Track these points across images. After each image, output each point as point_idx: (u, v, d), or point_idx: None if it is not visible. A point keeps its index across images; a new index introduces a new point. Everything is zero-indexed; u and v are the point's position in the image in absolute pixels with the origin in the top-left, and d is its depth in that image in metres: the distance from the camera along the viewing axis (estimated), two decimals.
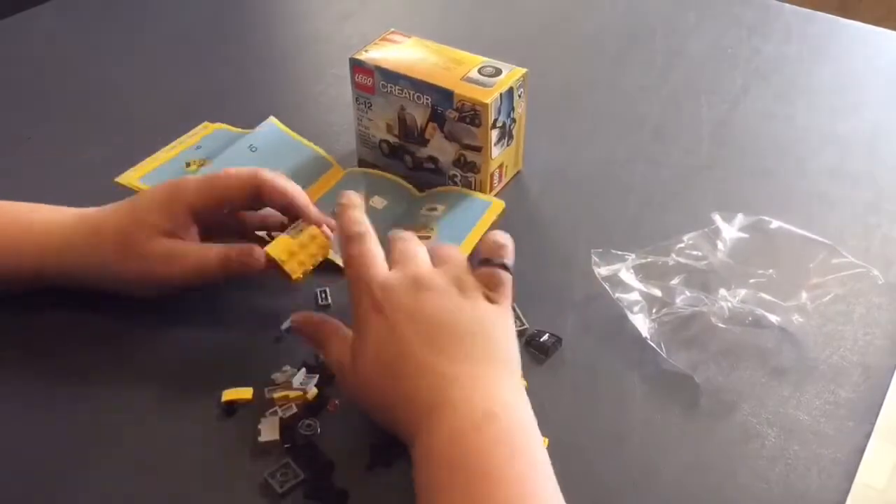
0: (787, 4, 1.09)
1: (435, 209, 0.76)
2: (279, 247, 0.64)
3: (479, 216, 0.76)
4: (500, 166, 0.78)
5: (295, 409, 0.59)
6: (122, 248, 0.63)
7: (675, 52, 1.01)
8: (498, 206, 0.77)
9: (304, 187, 0.68)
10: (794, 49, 1.02)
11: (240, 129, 0.86)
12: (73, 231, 0.65)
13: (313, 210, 0.66)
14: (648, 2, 1.12)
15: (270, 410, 0.59)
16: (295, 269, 0.63)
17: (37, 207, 0.67)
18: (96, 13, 1.07)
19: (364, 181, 0.81)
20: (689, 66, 0.98)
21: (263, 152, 0.82)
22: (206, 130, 0.86)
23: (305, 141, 0.84)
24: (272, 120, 0.86)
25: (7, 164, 0.80)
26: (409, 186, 0.80)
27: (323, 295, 0.68)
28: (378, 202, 0.78)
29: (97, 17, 1.07)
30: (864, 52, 1.03)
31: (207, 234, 0.66)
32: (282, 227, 0.66)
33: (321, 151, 0.83)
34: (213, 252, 0.64)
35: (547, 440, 0.58)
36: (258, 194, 0.65)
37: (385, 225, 0.71)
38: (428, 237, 0.73)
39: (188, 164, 0.81)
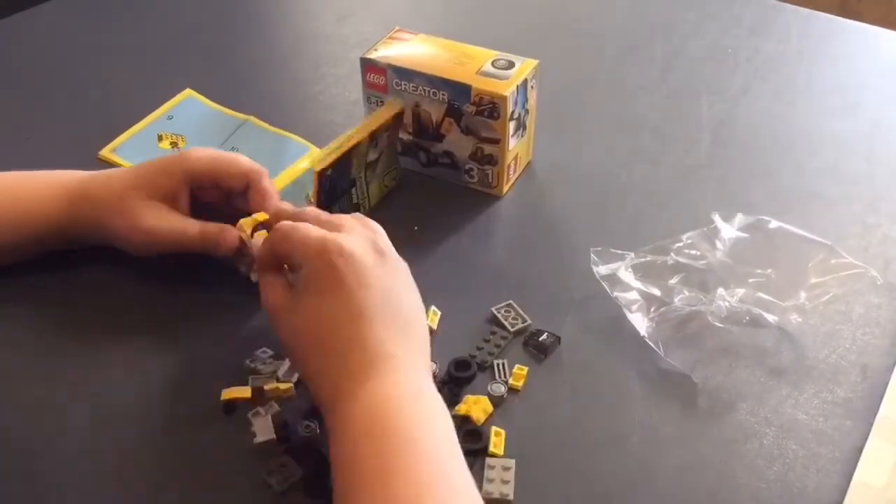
0: (787, 4, 1.09)
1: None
2: (249, 221, 0.66)
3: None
4: (515, 157, 0.79)
5: (278, 408, 0.59)
6: (118, 202, 0.67)
7: (675, 52, 1.01)
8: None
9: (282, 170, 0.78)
10: (793, 49, 1.02)
11: (214, 104, 0.89)
12: (80, 187, 0.68)
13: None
14: (648, 2, 1.12)
15: (253, 411, 0.59)
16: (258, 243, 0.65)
17: (35, 175, 0.71)
18: (96, 13, 1.08)
19: None
20: (689, 66, 0.98)
21: (244, 151, 0.83)
22: (182, 97, 0.90)
23: (281, 131, 0.86)
24: (252, 120, 0.87)
25: (7, 164, 0.80)
26: None
27: None
28: None
29: (97, 17, 1.07)
30: (863, 52, 1.03)
31: (196, 215, 0.69)
32: None
33: (299, 139, 0.85)
34: (193, 225, 0.67)
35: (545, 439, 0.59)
36: (247, 188, 0.67)
37: None
38: None
39: (160, 138, 0.84)
